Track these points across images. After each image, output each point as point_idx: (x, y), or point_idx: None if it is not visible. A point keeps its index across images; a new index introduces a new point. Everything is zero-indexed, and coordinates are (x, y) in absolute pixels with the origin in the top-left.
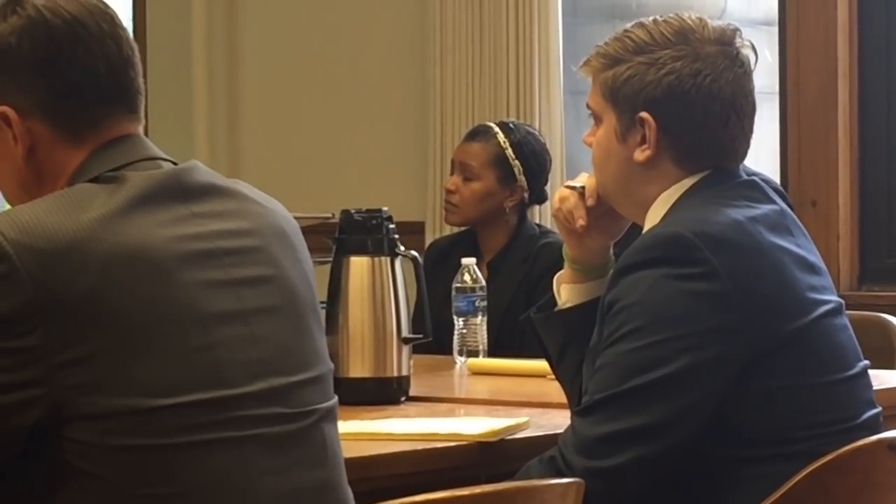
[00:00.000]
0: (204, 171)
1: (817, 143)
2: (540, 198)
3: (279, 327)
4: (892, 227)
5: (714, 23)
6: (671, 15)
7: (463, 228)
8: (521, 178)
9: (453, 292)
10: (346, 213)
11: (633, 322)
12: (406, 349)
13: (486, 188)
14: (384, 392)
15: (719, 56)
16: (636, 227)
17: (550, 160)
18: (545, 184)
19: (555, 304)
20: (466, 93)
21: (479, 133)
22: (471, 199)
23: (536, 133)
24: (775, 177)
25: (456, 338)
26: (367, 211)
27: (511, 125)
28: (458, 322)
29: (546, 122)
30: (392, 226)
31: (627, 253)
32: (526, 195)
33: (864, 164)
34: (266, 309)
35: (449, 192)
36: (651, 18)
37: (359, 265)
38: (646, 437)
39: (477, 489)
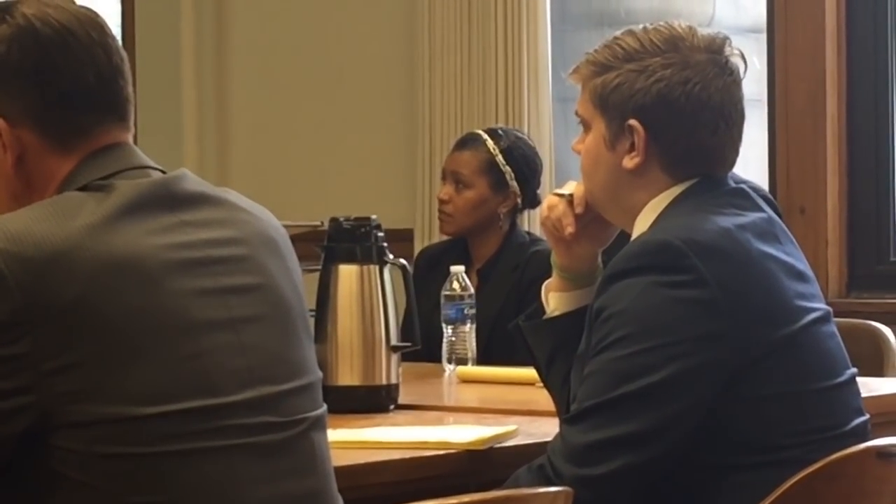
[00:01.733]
0: (193, 180)
1: (805, 150)
2: (532, 202)
3: (268, 336)
4: (880, 233)
5: (704, 31)
6: (661, 23)
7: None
8: (513, 184)
9: (442, 300)
10: (334, 221)
11: (621, 330)
12: (395, 357)
13: (479, 196)
14: (373, 400)
15: (709, 64)
16: (624, 235)
17: (541, 164)
18: (537, 188)
19: (543, 312)
20: (455, 100)
21: (468, 141)
22: (464, 208)
23: (526, 137)
24: (763, 184)
25: (445, 345)
26: (356, 219)
27: (500, 131)
28: (447, 330)
29: (535, 129)
30: (381, 234)
31: (616, 260)
32: (519, 200)
33: (853, 171)
34: (255, 317)
35: (442, 202)
36: (641, 26)
37: (347, 273)
38: (635, 444)
39: (466, 498)
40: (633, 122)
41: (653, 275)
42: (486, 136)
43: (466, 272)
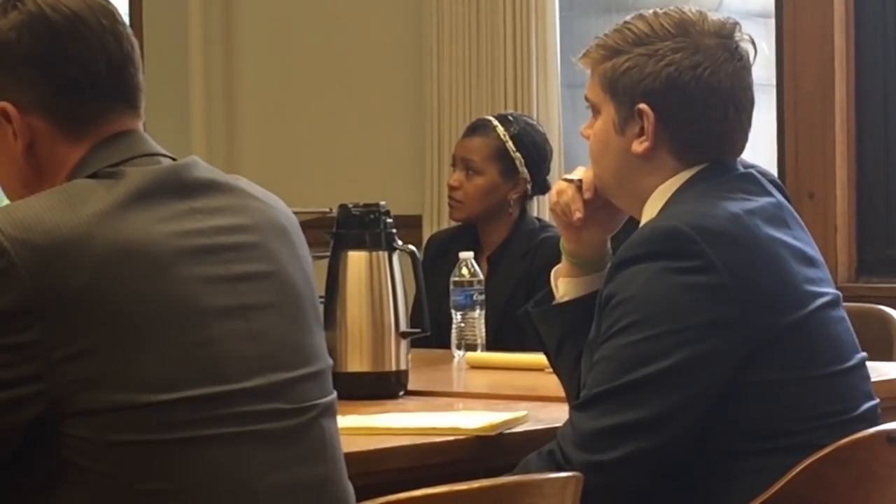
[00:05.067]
0: (203, 167)
1: (814, 134)
2: (542, 188)
3: (278, 323)
4: (889, 218)
5: (714, 16)
6: (672, 8)
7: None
8: (524, 170)
9: (451, 286)
10: (343, 207)
11: (630, 316)
12: (404, 343)
13: (490, 182)
14: (383, 386)
15: (719, 49)
16: (633, 221)
17: (551, 150)
18: (547, 174)
19: (553, 298)
20: (463, 86)
21: (478, 127)
22: (475, 194)
23: (535, 123)
24: (772, 169)
25: (454, 332)
26: (365, 205)
27: (510, 117)
28: (457, 316)
29: (544, 115)
30: (390, 220)
31: (625, 246)
32: (529, 187)
33: (862, 156)
34: (265, 305)
35: (452, 188)
36: (652, 11)
37: (357, 260)
38: (644, 430)
39: (476, 484)
40: (642, 106)
41: (662, 261)
42: (496, 123)
43: (476, 258)
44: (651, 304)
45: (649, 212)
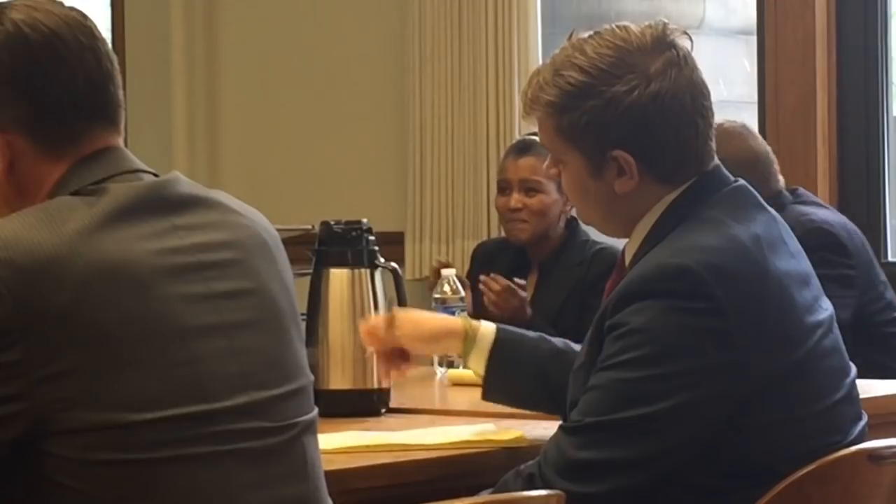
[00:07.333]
0: (185, 183)
1: (796, 151)
2: None
3: (260, 340)
4: (871, 235)
5: (638, 27)
6: (592, 40)
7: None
8: None
9: (433, 303)
10: (325, 224)
11: (633, 350)
12: None
13: (552, 199)
14: (365, 404)
15: (665, 65)
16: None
17: None
18: None
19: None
20: (446, 103)
21: (529, 147)
22: (541, 212)
23: None
24: None
25: None
26: (347, 223)
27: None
28: None
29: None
30: (372, 237)
31: (634, 279)
32: None
33: (843, 173)
34: (246, 322)
35: (515, 210)
36: (574, 44)
37: (339, 277)
38: (631, 468)
39: (457, 502)
40: (617, 153)
41: (671, 299)
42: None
43: (524, 269)
44: (655, 342)
45: (641, 230)
